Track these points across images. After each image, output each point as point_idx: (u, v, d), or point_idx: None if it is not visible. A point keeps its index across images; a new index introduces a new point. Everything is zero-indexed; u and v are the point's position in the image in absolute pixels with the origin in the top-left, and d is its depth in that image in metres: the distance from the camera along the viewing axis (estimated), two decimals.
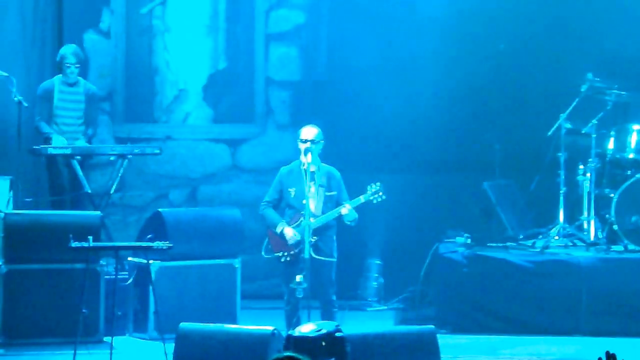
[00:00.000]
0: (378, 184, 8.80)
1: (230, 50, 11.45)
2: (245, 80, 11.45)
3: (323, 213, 8.73)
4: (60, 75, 10.00)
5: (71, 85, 10.02)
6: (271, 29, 11.39)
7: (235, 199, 11.21)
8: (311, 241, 8.56)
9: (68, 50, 9.99)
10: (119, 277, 8.65)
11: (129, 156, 9.91)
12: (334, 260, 8.77)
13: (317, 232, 8.67)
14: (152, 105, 11.37)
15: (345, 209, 8.69)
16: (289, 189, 8.80)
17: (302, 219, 8.62)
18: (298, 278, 8.48)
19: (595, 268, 9.37)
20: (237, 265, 9.42)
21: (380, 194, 8.77)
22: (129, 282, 9.19)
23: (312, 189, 8.65)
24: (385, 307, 10.56)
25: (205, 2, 11.40)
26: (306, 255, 8.52)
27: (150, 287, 8.75)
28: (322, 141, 8.82)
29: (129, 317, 9.20)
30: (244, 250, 9.57)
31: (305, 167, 8.68)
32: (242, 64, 11.46)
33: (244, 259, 9.58)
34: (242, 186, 11.36)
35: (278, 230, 8.73)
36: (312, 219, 8.60)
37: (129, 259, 9.35)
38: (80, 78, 10.11)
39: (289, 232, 8.70)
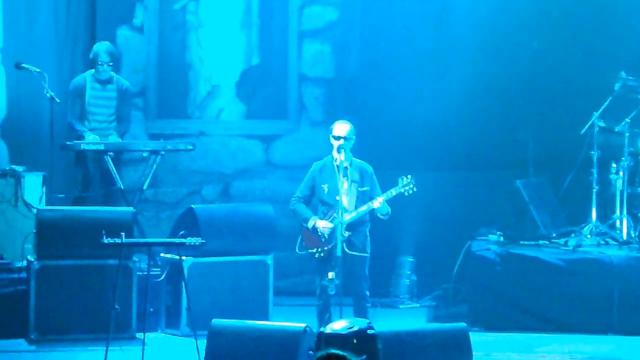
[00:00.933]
0: (409, 176, 8.79)
1: (264, 47, 11.47)
2: (279, 76, 11.47)
3: (356, 209, 8.73)
4: (92, 70, 10.04)
5: (103, 82, 10.06)
6: (304, 25, 11.40)
7: (268, 195, 11.23)
8: (344, 237, 8.56)
9: (101, 48, 10.02)
10: (151, 273, 8.67)
11: (162, 152, 9.94)
12: (367, 255, 8.77)
13: (350, 227, 8.67)
14: (186, 101, 11.41)
15: (378, 202, 8.69)
16: (322, 185, 8.81)
17: (335, 215, 8.62)
18: (330, 275, 8.48)
19: (628, 267, 9.31)
20: (269, 262, 9.42)
21: (412, 186, 8.75)
22: (162, 278, 9.21)
23: (345, 185, 8.65)
24: (418, 305, 10.55)
25: None
26: (338, 253, 8.52)
27: (183, 283, 8.76)
28: (354, 137, 8.82)
29: (161, 313, 9.23)
30: (276, 247, 9.58)
31: (337, 163, 8.68)
32: (275, 61, 11.48)
33: (277, 255, 9.59)
34: (275, 182, 11.38)
35: (310, 224, 8.74)
36: (345, 215, 8.60)
37: (162, 255, 9.38)
38: (113, 74, 10.14)
39: (322, 224, 8.70)
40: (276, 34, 11.44)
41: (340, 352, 4.38)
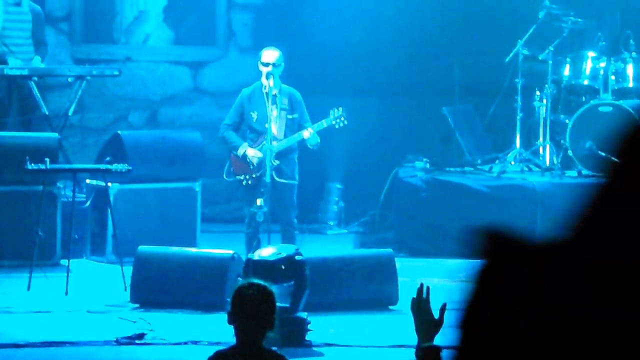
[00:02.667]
0: (340, 108, 8.80)
1: None
2: (207, 2, 11.33)
3: (285, 136, 8.73)
4: None
5: (16, 4, 9.84)
6: None
7: (196, 121, 11.16)
8: (273, 165, 8.57)
9: None
10: (76, 199, 8.61)
11: (88, 77, 9.80)
12: (296, 182, 8.80)
13: (279, 155, 8.68)
14: (112, 26, 11.24)
15: (307, 133, 8.69)
16: (251, 113, 8.78)
17: (264, 142, 8.62)
18: (259, 202, 8.50)
19: (550, 193, 9.46)
20: (197, 189, 9.40)
21: (343, 119, 8.78)
22: (87, 204, 9.14)
23: (274, 113, 8.64)
24: (345, 231, 10.62)
25: None
26: (267, 179, 8.54)
27: (109, 210, 8.71)
28: (283, 64, 8.79)
29: (86, 240, 9.17)
30: (204, 174, 9.55)
31: (266, 90, 8.65)
32: None
33: (205, 182, 9.57)
34: (203, 109, 11.31)
35: (240, 152, 8.72)
36: (274, 143, 8.60)
37: (87, 181, 9.30)
38: None
39: (252, 152, 8.70)
40: None
41: (262, 282, 4.42)
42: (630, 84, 9.80)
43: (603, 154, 9.35)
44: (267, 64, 8.68)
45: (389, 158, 10.38)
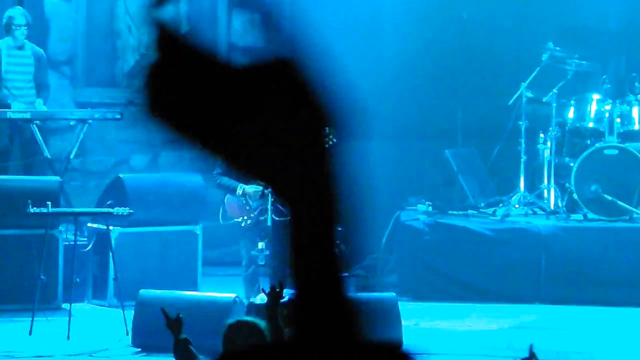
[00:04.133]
0: (326, 128, 8.79)
1: (193, 16, 11.32)
2: (208, 46, 11.35)
3: None
4: (8, 38, 9.84)
5: (19, 47, 9.86)
6: None
7: (198, 165, 11.14)
8: (271, 208, 8.53)
9: (17, 12, 9.85)
10: (78, 243, 8.57)
11: (90, 121, 9.80)
12: None
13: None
14: (113, 70, 11.26)
15: None
16: None
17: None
18: (260, 245, 8.45)
19: (555, 236, 9.41)
20: (198, 232, 9.36)
21: (331, 136, 8.74)
22: (88, 248, 9.10)
23: None
24: (347, 274, 10.54)
25: None
26: (269, 222, 8.49)
27: (110, 254, 8.67)
28: None
29: (88, 283, 9.12)
30: (205, 217, 9.51)
31: None
32: (204, 30, 11.33)
33: (206, 225, 9.53)
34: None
35: (239, 192, 8.68)
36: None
37: (89, 225, 9.27)
38: (26, 41, 9.95)
39: (252, 189, 8.67)
40: (205, 3, 11.33)
41: (250, 319, 4.36)
42: (636, 127, 9.78)
43: (609, 197, 9.33)
44: None
45: (391, 201, 10.33)
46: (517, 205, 9.94)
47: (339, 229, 9.26)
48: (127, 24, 11.27)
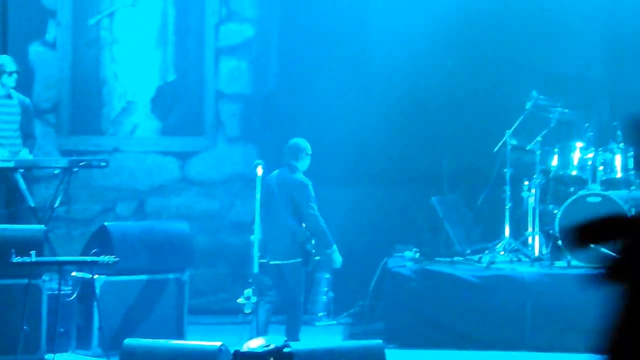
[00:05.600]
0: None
1: (180, 63, 11.39)
2: (195, 93, 11.40)
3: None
4: None
5: (5, 96, 9.88)
6: (221, 42, 11.36)
7: (184, 212, 11.14)
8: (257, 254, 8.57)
9: (6, 59, 9.88)
10: (62, 292, 8.52)
11: (75, 169, 9.78)
12: (291, 261, 8.91)
13: None
14: (99, 117, 11.27)
15: None
16: None
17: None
18: (246, 293, 8.45)
19: (540, 283, 9.43)
20: (184, 280, 9.33)
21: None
22: (73, 297, 9.05)
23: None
24: (335, 322, 10.54)
25: (154, 14, 11.34)
26: (255, 270, 8.50)
27: (95, 303, 8.63)
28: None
29: (72, 333, 9.04)
30: (192, 264, 9.50)
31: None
32: (191, 77, 11.41)
33: (192, 273, 9.51)
34: (191, 199, 11.29)
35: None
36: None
37: (73, 274, 9.23)
38: (12, 90, 9.97)
39: None
40: (192, 50, 11.38)
41: None
42: (619, 175, 9.84)
43: (592, 245, 9.33)
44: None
45: (378, 248, 10.36)
46: (502, 252, 9.97)
47: (328, 275, 9.22)
48: (113, 71, 11.31)
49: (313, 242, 8.94)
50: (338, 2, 11.14)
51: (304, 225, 8.95)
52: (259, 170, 8.66)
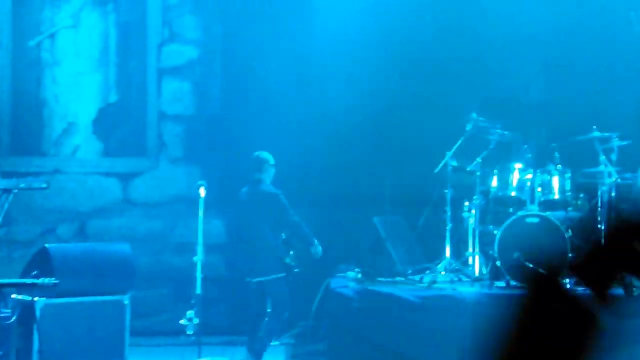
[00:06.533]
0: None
1: (122, 84, 11.37)
2: (138, 114, 11.38)
3: None
4: None
5: None
6: (163, 63, 11.36)
7: (126, 233, 11.09)
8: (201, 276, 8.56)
9: None
10: (1, 315, 8.44)
11: (15, 190, 9.70)
12: (261, 279, 9.08)
13: None
14: (41, 138, 11.21)
15: None
16: None
17: None
18: (188, 314, 8.44)
19: (480, 303, 9.50)
20: (126, 302, 9.28)
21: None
22: (12, 320, 8.96)
23: None
24: (277, 343, 10.53)
25: (95, 35, 11.31)
26: (198, 291, 8.49)
27: (35, 325, 8.55)
28: None
29: (11, 356, 8.94)
30: (134, 286, 9.45)
31: None
32: (133, 98, 11.39)
33: (134, 294, 9.46)
34: (133, 220, 11.25)
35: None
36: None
37: (13, 296, 9.14)
38: None
39: None
40: (135, 71, 11.37)
41: None
42: (556, 196, 9.98)
43: (530, 265, 9.46)
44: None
45: (320, 268, 10.38)
46: (443, 272, 10.05)
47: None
48: (54, 93, 11.26)
49: (292, 253, 8.98)
50: (282, 25, 11.21)
51: (283, 236, 8.98)
52: (202, 192, 8.68)
